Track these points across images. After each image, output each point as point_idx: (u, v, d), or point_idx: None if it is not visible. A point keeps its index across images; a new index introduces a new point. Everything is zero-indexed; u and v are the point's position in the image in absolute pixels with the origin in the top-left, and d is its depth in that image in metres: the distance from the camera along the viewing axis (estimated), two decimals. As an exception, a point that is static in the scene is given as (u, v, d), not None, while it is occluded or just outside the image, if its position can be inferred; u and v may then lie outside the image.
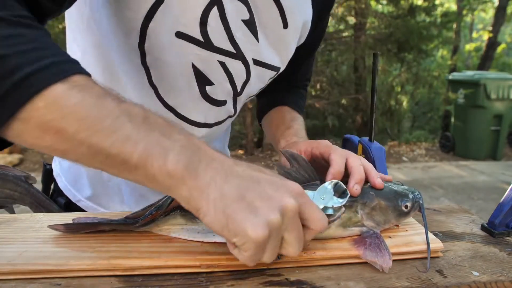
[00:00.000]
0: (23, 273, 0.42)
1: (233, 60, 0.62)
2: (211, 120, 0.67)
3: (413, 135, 6.43)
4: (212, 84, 0.62)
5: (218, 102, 0.65)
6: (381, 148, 0.64)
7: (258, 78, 0.68)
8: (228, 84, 0.64)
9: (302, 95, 0.89)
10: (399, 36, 5.13)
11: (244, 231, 0.35)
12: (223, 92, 0.65)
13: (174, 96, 0.62)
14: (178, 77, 0.60)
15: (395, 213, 0.50)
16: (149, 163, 0.35)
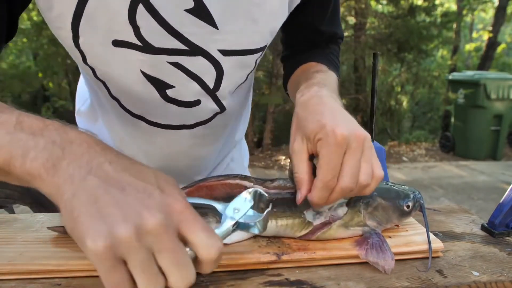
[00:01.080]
0: (23, 273, 0.42)
1: (189, 58, 0.55)
2: (190, 121, 0.62)
3: (413, 135, 6.43)
4: (172, 87, 0.57)
5: (188, 103, 0.60)
6: (381, 148, 0.64)
7: (240, 67, 0.60)
8: (194, 84, 0.58)
9: (332, 50, 0.73)
10: (399, 36, 5.13)
11: (84, 239, 0.29)
12: (190, 92, 0.59)
13: (137, 105, 0.59)
14: (133, 86, 0.56)
15: (397, 213, 0.50)
16: (12, 165, 0.34)
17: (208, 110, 0.62)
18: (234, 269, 0.44)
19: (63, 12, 0.48)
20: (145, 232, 0.30)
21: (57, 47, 4.89)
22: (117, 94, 0.58)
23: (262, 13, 0.56)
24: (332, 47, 0.74)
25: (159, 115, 0.60)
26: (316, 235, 0.48)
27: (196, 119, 0.62)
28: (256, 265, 0.44)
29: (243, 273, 0.44)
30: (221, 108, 0.63)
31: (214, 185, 0.51)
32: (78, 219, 0.30)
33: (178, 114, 0.60)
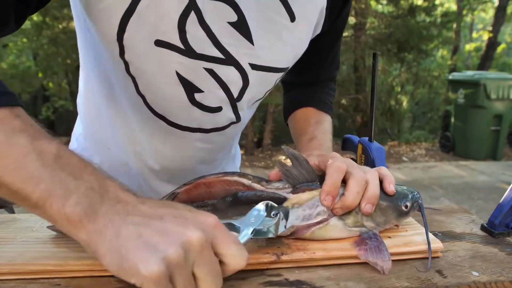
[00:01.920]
0: (23, 273, 0.42)
1: (223, 66, 0.58)
2: (207, 125, 0.65)
3: (413, 135, 6.43)
4: (201, 92, 0.60)
5: (211, 108, 0.62)
6: (381, 148, 0.64)
7: (262, 82, 0.65)
8: (221, 91, 0.61)
9: (329, 89, 0.84)
10: (399, 36, 5.13)
11: (137, 269, 0.32)
12: (216, 99, 0.61)
13: (162, 104, 0.61)
14: (163, 86, 0.58)
15: (395, 213, 0.50)
16: (48, 204, 0.35)
17: (226, 118, 0.65)
18: (234, 269, 0.44)
19: (113, 6, 0.50)
20: (190, 249, 0.34)
21: (57, 47, 4.90)
22: (145, 91, 0.60)
23: (291, 38, 0.62)
24: (330, 85, 0.84)
25: (180, 117, 0.62)
26: (312, 230, 0.47)
27: (213, 125, 0.65)
28: (256, 265, 0.44)
29: (243, 273, 0.44)
30: (237, 119, 0.67)
31: (213, 182, 0.51)
32: (127, 255, 0.33)
33: (198, 118, 0.63)
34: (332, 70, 0.83)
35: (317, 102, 0.80)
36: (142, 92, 0.60)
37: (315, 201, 0.49)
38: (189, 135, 0.65)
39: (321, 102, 0.80)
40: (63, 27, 4.92)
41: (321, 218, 0.48)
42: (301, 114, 0.80)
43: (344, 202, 0.47)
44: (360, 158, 0.67)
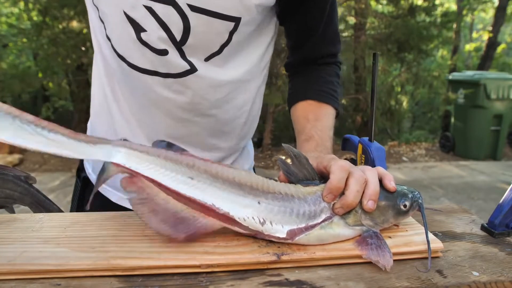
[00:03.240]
0: (23, 273, 0.42)
1: (161, 5, 0.60)
2: (162, 69, 0.66)
3: (413, 135, 6.43)
4: (145, 31, 0.63)
5: (157, 50, 0.64)
6: (381, 148, 0.64)
7: (208, 29, 0.64)
8: (162, 32, 0.63)
9: (331, 74, 0.78)
10: (399, 36, 5.13)
11: None
12: (159, 39, 0.63)
13: (121, 45, 0.66)
14: (118, 26, 0.64)
15: (393, 212, 0.50)
16: None
17: (177, 64, 0.66)
18: (234, 269, 0.44)
19: None
20: None
21: (57, 47, 4.89)
22: (110, 34, 0.67)
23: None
24: (329, 70, 0.79)
25: (136, 58, 0.66)
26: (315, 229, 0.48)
27: (167, 69, 0.66)
28: (256, 265, 0.44)
29: (243, 273, 0.44)
30: (192, 67, 0.66)
31: None
32: None
33: (151, 60, 0.65)
34: (327, 44, 0.78)
35: (316, 93, 0.76)
36: (108, 35, 0.66)
37: (318, 197, 0.49)
38: (149, 79, 0.67)
39: (321, 92, 0.76)
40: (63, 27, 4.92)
41: (325, 217, 0.48)
42: (300, 109, 0.77)
43: (344, 201, 0.48)
44: (360, 158, 0.67)
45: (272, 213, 0.48)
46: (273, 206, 0.48)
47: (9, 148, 4.57)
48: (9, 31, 5.57)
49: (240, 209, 0.47)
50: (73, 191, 0.89)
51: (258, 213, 0.47)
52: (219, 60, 0.68)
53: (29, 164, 4.47)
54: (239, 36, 0.67)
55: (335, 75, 0.79)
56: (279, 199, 0.49)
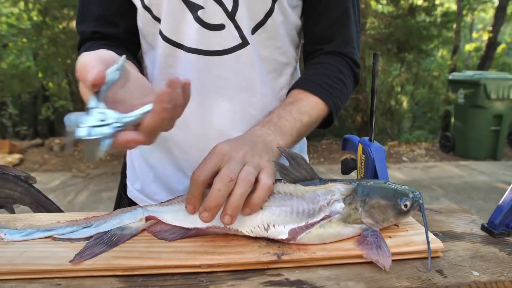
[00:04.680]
0: (23, 273, 0.42)
1: None
2: (217, 47, 0.67)
3: (413, 135, 6.43)
4: (201, 8, 0.64)
5: (214, 26, 0.66)
6: (381, 148, 0.64)
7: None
8: (217, 6, 0.64)
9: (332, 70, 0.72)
10: (399, 36, 5.13)
11: None
12: (215, 14, 0.65)
13: (177, 31, 0.67)
14: (174, 11, 0.65)
15: (394, 212, 0.50)
16: None
17: (232, 37, 0.67)
18: (234, 269, 0.44)
19: None
20: None
21: (57, 47, 4.89)
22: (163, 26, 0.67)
23: None
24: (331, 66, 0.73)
25: (194, 40, 0.67)
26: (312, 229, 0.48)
27: (223, 46, 0.67)
28: (256, 265, 0.44)
29: (243, 273, 0.44)
30: (243, 40, 0.67)
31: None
32: None
33: (208, 39, 0.66)
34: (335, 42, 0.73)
35: (303, 83, 0.71)
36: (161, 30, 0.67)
37: (316, 196, 0.49)
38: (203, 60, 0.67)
39: (309, 81, 0.70)
40: (63, 27, 4.92)
41: (324, 215, 0.48)
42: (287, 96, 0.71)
43: (205, 205, 0.45)
44: (360, 158, 0.67)
45: (274, 215, 0.48)
46: (275, 208, 0.48)
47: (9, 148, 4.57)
48: (9, 31, 5.57)
49: (247, 222, 0.48)
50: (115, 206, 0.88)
51: (262, 220, 0.48)
52: (264, 34, 0.68)
53: (29, 164, 4.47)
54: (280, 6, 0.67)
55: (336, 69, 0.72)
56: (278, 199, 0.49)
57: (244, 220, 0.48)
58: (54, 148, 4.97)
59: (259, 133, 0.58)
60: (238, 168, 0.47)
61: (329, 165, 4.88)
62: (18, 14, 5.87)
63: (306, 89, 0.68)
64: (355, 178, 0.57)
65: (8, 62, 5.92)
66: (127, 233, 0.49)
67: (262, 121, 0.63)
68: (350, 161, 0.71)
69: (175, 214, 0.50)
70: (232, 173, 0.46)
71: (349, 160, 0.71)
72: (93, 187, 3.79)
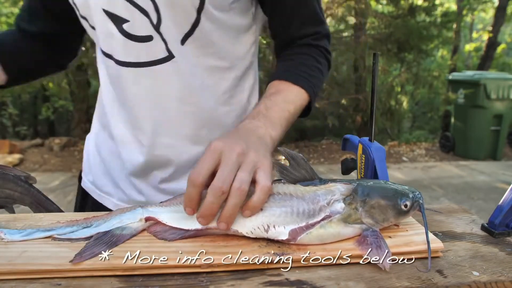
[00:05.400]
0: (23, 273, 0.42)
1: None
2: (144, 58, 0.68)
3: (413, 135, 6.44)
4: (127, 21, 0.65)
5: (142, 38, 0.66)
6: (381, 148, 0.64)
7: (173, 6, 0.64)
8: (143, 17, 0.64)
9: (307, 59, 0.73)
10: (399, 36, 5.13)
11: None
12: (142, 26, 0.65)
13: (107, 42, 0.69)
14: (102, 25, 0.67)
15: (394, 212, 0.50)
16: None
17: (159, 49, 0.67)
18: (234, 269, 0.44)
19: None
20: None
21: (57, 47, 4.88)
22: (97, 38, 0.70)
23: None
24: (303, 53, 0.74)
25: (121, 52, 0.68)
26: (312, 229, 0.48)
27: (151, 57, 0.68)
28: (256, 265, 0.44)
29: (243, 273, 0.44)
30: (169, 53, 0.68)
31: None
32: None
33: (135, 50, 0.67)
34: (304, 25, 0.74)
35: (285, 74, 0.71)
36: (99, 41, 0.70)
37: (316, 196, 0.49)
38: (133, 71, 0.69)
39: (289, 72, 0.71)
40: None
41: (324, 215, 0.48)
42: (267, 89, 0.71)
43: (200, 212, 0.46)
44: (360, 158, 0.67)
45: (274, 216, 0.48)
46: (275, 208, 0.48)
47: (9, 148, 4.57)
48: (9, 31, 5.56)
49: (247, 224, 0.48)
50: (75, 197, 0.92)
51: (262, 221, 0.48)
52: (194, 44, 0.68)
53: (29, 164, 4.47)
54: (208, 16, 0.66)
55: (312, 58, 0.74)
56: (278, 199, 0.49)
57: (244, 221, 0.48)
58: (54, 148, 4.97)
59: (250, 126, 0.58)
60: (231, 176, 0.46)
61: (329, 165, 4.88)
62: (18, 14, 5.87)
63: (287, 80, 0.69)
64: (355, 178, 0.57)
65: (8, 62, 5.91)
66: (127, 233, 0.49)
67: (251, 114, 0.62)
68: (350, 161, 0.71)
69: (173, 216, 0.50)
70: (224, 184, 0.45)
71: (349, 160, 0.71)
72: (93, 187, 3.79)
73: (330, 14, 4.98)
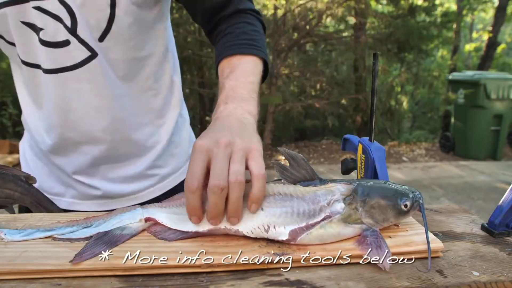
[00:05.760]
0: (23, 273, 0.42)
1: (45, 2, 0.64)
2: (69, 62, 0.68)
3: (413, 135, 6.44)
4: (42, 29, 0.66)
5: (59, 43, 0.67)
6: (381, 148, 0.64)
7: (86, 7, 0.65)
8: (57, 23, 0.65)
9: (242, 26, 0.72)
10: (399, 36, 5.13)
11: None
12: (57, 31, 0.66)
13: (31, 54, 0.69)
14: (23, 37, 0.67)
15: (394, 212, 0.50)
16: None
17: (79, 51, 0.68)
18: (234, 269, 0.44)
19: None
20: None
21: (57, 47, 4.88)
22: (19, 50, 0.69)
23: None
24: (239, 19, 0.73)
25: (44, 60, 0.68)
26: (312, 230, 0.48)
27: (72, 60, 0.68)
28: (256, 265, 0.44)
29: (243, 273, 0.44)
30: (91, 52, 0.69)
31: None
32: None
33: (55, 56, 0.68)
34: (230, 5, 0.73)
35: (230, 49, 0.70)
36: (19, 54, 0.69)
37: (316, 196, 0.49)
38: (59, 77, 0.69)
39: (233, 46, 0.70)
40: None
41: (324, 215, 0.48)
42: (219, 70, 0.70)
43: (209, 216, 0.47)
44: (360, 158, 0.67)
45: (275, 216, 0.48)
46: (275, 209, 0.48)
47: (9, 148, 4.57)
48: (9, 31, 5.57)
49: (247, 223, 0.48)
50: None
51: (262, 221, 0.48)
52: (113, 39, 0.69)
53: (29, 164, 4.47)
54: (121, 9, 0.67)
55: (247, 24, 0.73)
56: (279, 200, 0.49)
57: (245, 221, 0.48)
58: (54, 148, 4.96)
59: (226, 113, 0.56)
60: (225, 170, 0.46)
61: (329, 165, 4.88)
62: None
63: (235, 54, 0.68)
64: (355, 178, 0.57)
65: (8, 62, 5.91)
66: (127, 233, 0.49)
67: (221, 99, 0.61)
68: (350, 161, 0.71)
69: (173, 218, 0.50)
70: (220, 181, 0.45)
71: (349, 160, 0.71)
72: (93, 187, 3.78)
73: (330, 14, 4.98)
